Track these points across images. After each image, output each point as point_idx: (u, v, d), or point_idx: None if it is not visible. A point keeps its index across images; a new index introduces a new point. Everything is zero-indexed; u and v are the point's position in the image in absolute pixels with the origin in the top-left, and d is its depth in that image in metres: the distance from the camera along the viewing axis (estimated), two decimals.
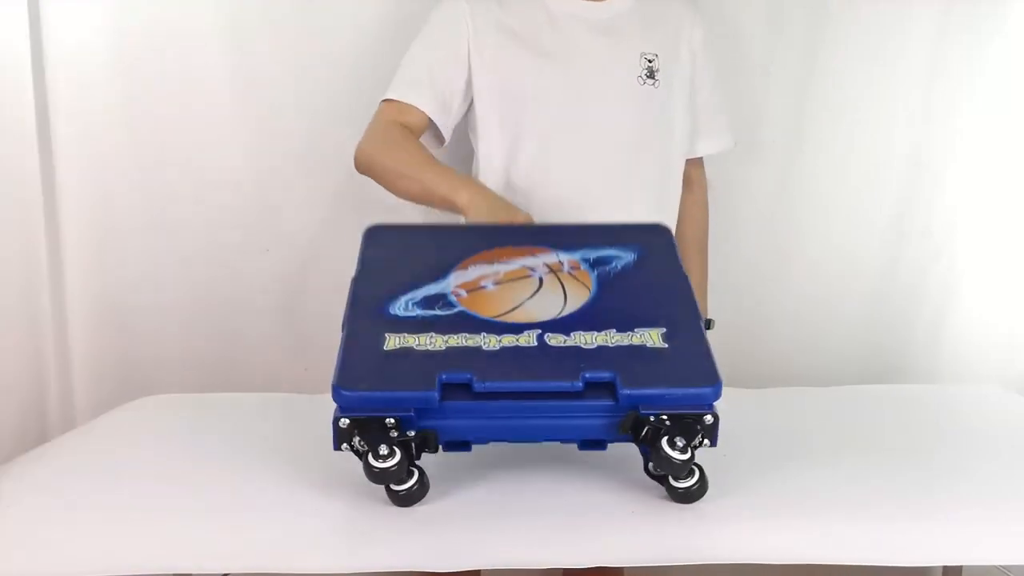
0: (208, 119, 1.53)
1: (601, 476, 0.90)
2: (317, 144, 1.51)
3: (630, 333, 0.85)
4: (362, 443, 0.82)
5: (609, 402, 0.82)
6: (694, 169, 1.45)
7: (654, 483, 0.87)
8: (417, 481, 0.85)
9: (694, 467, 0.83)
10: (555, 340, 0.85)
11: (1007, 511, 0.83)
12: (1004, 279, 1.65)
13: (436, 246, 1.02)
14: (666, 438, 0.81)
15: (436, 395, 0.81)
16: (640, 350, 0.84)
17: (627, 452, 0.88)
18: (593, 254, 0.97)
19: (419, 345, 0.85)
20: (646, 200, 1.32)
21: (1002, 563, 1.11)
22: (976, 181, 1.62)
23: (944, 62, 1.59)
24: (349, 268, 0.98)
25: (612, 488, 0.86)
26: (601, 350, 0.84)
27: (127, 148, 1.52)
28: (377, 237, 1.03)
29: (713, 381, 0.82)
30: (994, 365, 1.63)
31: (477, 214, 1.14)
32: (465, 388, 0.82)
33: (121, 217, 1.54)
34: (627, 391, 0.81)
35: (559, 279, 0.93)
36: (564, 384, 0.81)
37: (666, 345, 0.84)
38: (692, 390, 0.82)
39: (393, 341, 0.86)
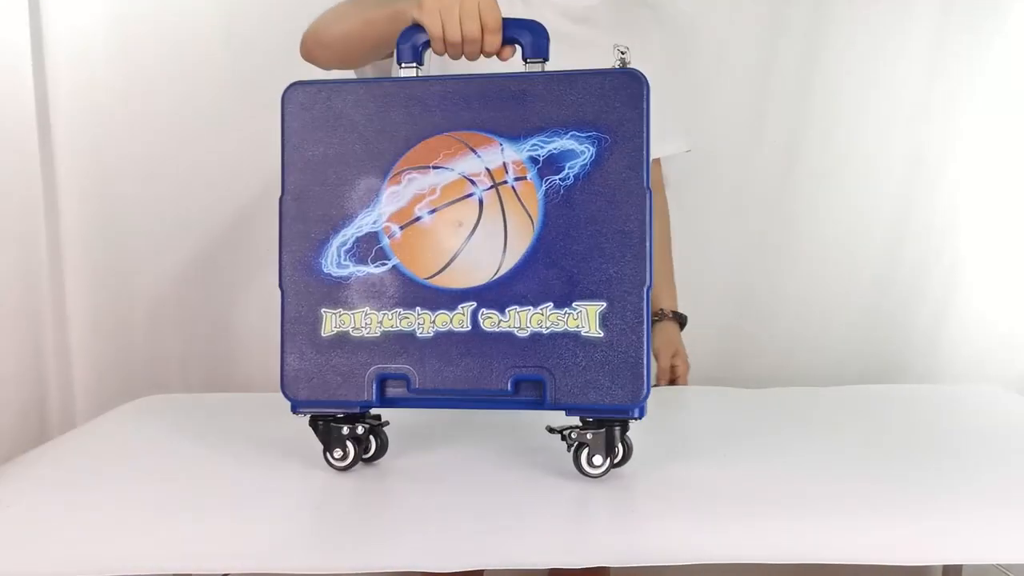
0: (209, 112, 1.53)
1: None
2: None
3: (567, 311, 0.86)
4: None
5: (537, 400, 0.86)
6: (655, 170, 1.45)
7: (652, 482, 0.88)
8: (378, 442, 0.93)
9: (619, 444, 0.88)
10: (489, 321, 0.86)
11: (1007, 511, 0.83)
12: (1005, 279, 1.64)
13: (367, 121, 0.90)
14: (585, 453, 0.87)
15: (376, 401, 0.88)
16: (574, 340, 0.85)
17: None
18: (544, 147, 0.89)
19: (355, 330, 0.88)
20: None
21: (1002, 563, 1.11)
22: (976, 181, 1.62)
23: (944, 62, 1.59)
24: None
25: (609, 487, 0.86)
26: (534, 340, 0.86)
27: (127, 145, 1.53)
28: (298, 104, 0.91)
29: (638, 396, 0.84)
30: (994, 365, 1.63)
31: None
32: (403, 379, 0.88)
33: (121, 216, 1.54)
34: (551, 401, 0.85)
35: (500, 202, 0.88)
36: (494, 390, 0.86)
37: (602, 334, 0.85)
38: (615, 407, 0.85)
39: (330, 323, 0.89)
